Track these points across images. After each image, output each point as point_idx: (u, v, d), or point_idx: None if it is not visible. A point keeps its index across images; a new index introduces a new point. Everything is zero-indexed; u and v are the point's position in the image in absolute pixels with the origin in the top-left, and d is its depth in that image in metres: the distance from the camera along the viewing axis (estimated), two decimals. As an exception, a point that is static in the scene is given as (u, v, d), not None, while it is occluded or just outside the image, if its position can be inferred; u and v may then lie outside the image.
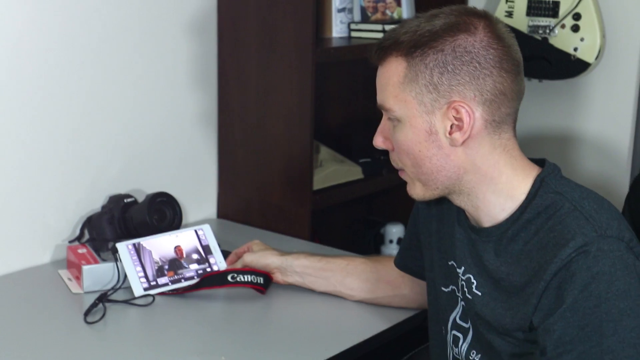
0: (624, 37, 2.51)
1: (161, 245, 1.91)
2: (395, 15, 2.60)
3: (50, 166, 2.02)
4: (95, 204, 2.12)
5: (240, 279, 1.84)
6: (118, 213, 2.03)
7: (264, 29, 2.23)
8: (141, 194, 2.13)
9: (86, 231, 2.07)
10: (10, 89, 1.93)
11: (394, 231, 2.69)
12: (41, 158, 2.00)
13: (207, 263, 1.92)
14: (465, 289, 1.47)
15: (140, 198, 2.09)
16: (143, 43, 2.17)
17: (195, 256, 1.92)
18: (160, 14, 2.19)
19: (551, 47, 2.48)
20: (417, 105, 1.38)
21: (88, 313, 1.73)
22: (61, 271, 1.96)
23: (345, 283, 1.82)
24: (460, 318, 1.51)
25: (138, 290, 1.83)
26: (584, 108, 2.61)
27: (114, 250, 1.87)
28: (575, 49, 2.45)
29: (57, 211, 2.05)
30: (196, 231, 1.96)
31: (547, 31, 2.48)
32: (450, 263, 1.52)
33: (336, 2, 2.41)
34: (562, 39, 2.47)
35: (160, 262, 1.88)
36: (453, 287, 1.52)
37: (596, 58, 2.45)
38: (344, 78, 2.70)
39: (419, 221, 1.64)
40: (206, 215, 2.41)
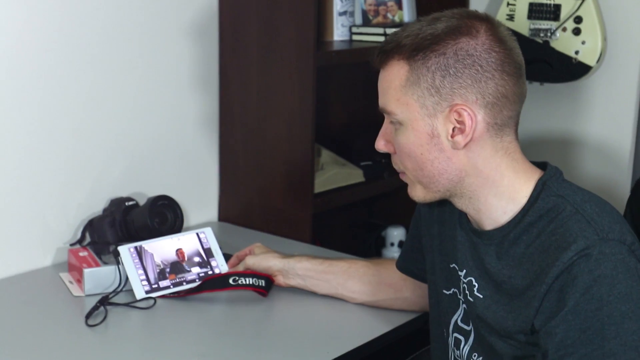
0: (625, 40, 2.51)
1: (163, 248, 1.91)
2: (396, 18, 2.60)
3: (51, 169, 2.02)
4: (96, 207, 2.12)
5: (241, 282, 1.84)
6: (119, 216, 2.03)
7: (265, 32, 2.23)
8: (142, 197, 2.13)
9: (87, 234, 2.06)
10: (11, 92, 1.93)
11: (395, 234, 2.69)
12: (42, 161, 2.01)
13: (209, 266, 1.92)
14: (466, 292, 1.47)
15: (141, 201, 2.09)
16: (144, 46, 2.17)
17: (197, 259, 1.92)
18: (161, 17, 2.19)
19: (552, 51, 2.48)
20: (419, 108, 1.38)
21: (89, 316, 1.73)
22: (62, 274, 1.96)
23: (347, 286, 1.82)
24: (461, 321, 1.51)
25: (140, 293, 1.83)
26: (585, 111, 2.61)
27: (116, 253, 1.87)
28: (576, 52, 2.45)
29: (59, 214, 2.05)
30: (198, 234, 1.96)
31: (549, 34, 2.48)
32: (451, 266, 1.52)
33: (337, 6, 2.41)
34: (564, 42, 2.47)
35: (162, 265, 1.88)
36: (454, 290, 1.52)
37: (597, 61, 2.45)
38: (345, 81, 2.70)
39: (421, 224, 1.64)
40: (207, 218, 2.41)
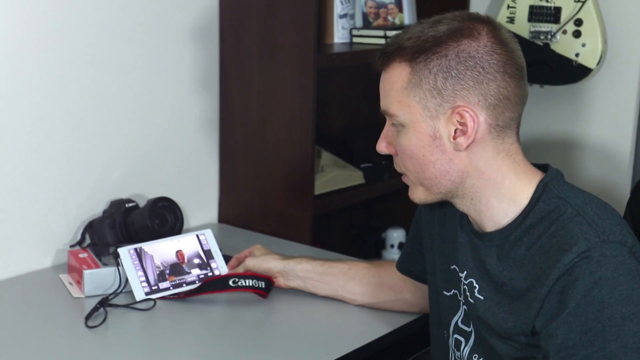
0: (626, 43, 2.51)
1: (163, 250, 1.91)
2: (396, 21, 2.60)
3: (51, 170, 2.02)
4: (96, 209, 2.11)
5: (241, 284, 1.84)
6: (119, 218, 2.03)
7: (266, 35, 2.23)
8: (142, 199, 2.13)
9: (87, 236, 2.06)
10: (11, 93, 1.92)
11: (395, 236, 2.69)
12: (42, 162, 2.00)
13: (209, 268, 1.92)
14: (467, 293, 1.47)
15: (141, 203, 2.09)
16: (145, 48, 2.17)
17: (196, 261, 1.92)
18: (162, 19, 2.19)
19: (553, 53, 2.48)
20: (421, 110, 1.38)
21: (89, 317, 1.73)
22: (62, 275, 1.96)
23: (347, 287, 1.82)
24: (462, 322, 1.51)
25: (139, 294, 1.83)
26: (586, 113, 2.61)
27: (116, 254, 1.87)
28: (576, 55, 2.46)
29: (59, 215, 2.05)
30: (198, 236, 1.96)
31: (549, 37, 2.48)
32: (452, 267, 1.52)
33: (338, 8, 2.41)
34: (564, 45, 2.47)
35: (161, 267, 1.88)
36: (455, 291, 1.52)
37: (598, 63, 2.45)
38: (346, 83, 2.70)
39: (421, 225, 1.64)
40: (207, 220, 2.41)
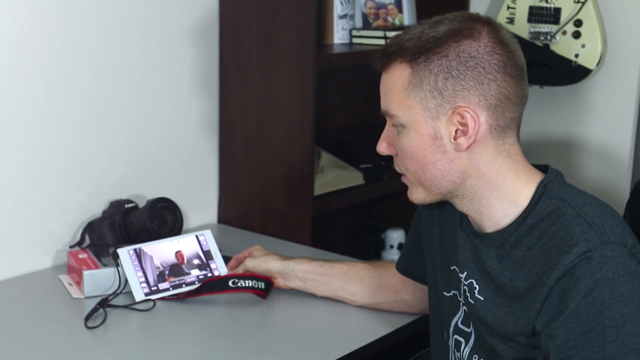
0: (625, 44, 2.51)
1: (162, 250, 1.91)
2: (396, 21, 2.60)
3: (51, 171, 2.02)
4: (96, 209, 2.11)
5: (241, 284, 1.84)
6: (119, 218, 2.03)
7: (266, 35, 2.23)
8: (142, 200, 2.13)
9: (87, 236, 2.06)
10: (11, 94, 1.92)
11: (395, 236, 2.69)
12: (42, 163, 2.00)
13: (208, 268, 1.92)
14: (467, 294, 1.47)
15: (141, 203, 2.09)
16: (145, 49, 2.17)
17: (196, 261, 1.92)
18: (162, 21, 2.19)
19: (552, 54, 2.48)
20: (422, 110, 1.38)
21: (89, 318, 1.73)
22: (62, 276, 1.96)
23: (346, 288, 1.82)
24: (462, 323, 1.51)
25: (139, 295, 1.83)
26: (585, 114, 2.61)
27: (115, 255, 1.86)
28: (576, 56, 2.46)
29: (58, 216, 2.05)
30: (197, 236, 1.96)
31: (549, 38, 2.48)
32: (452, 268, 1.52)
33: (338, 9, 2.41)
34: (563, 46, 2.47)
35: (161, 268, 1.88)
36: (455, 292, 1.52)
37: (597, 64, 2.45)
38: (345, 84, 2.70)
39: (421, 226, 1.64)
40: (207, 220, 2.41)
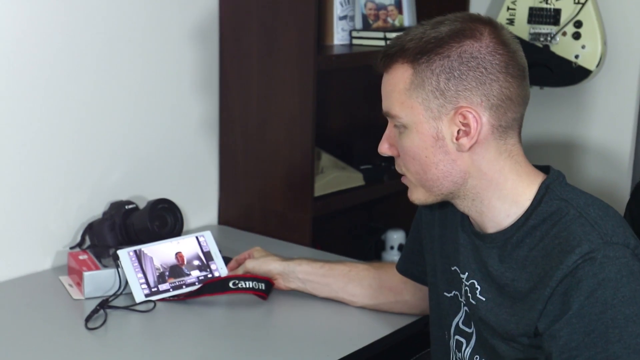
0: (625, 45, 2.51)
1: (162, 251, 1.90)
2: (396, 22, 2.60)
3: (51, 172, 2.02)
4: (96, 210, 2.11)
5: (241, 285, 1.83)
6: (119, 219, 2.03)
7: (266, 36, 2.23)
8: (142, 201, 2.13)
9: (87, 237, 2.06)
10: (12, 94, 1.92)
11: (395, 237, 2.69)
12: (43, 164, 2.00)
13: (209, 269, 1.92)
14: (469, 295, 1.47)
15: (141, 204, 2.09)
16: (145, 50, 2.17)
17: (196, 262, 1.92)
18: (162, 21, 2.19)
19: (552, 55, 2.48)
20: (424, 111, 1.38)
21: (89, 319, 1.73)
22: (62, 277, 1.96)
23: (347, 289, 1.82)
24: (463, 323, 1.51)
25: (139, 296, 1.82)
26: (585, 115, 2.61)
27: (115, 256, 1.86)
28: (576, 57, 2.46)
29: (58, 217, 2.05)
30: (197, 238, 1.96)
31: (549, 39, 2.48)
32: (453, 268, 1.52)
33: (337, 10, 2.41)
34: (564, 47, 2.47)
35: (161, 269, 1.88)
36: (456, 293, 1.52)
37: (597, 65, 2.45)
38: (345, 85, 2.70)
39: (422, 226, 1.64)
40: (207, 221, 2.41)
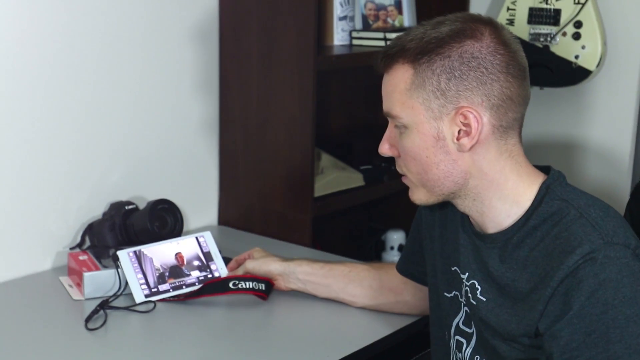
0: (625, 45, 2.51)
1: (162, 252, 1.90)
2: (396, 23, 2.60)
3: (51, 172, 2.02)
4: (96, 211, 2.11)
5: (241, 286, 1.83)
6: (119, 220, 2.03)
7: (266, 37, 2.23)
8: (142, 201, 2.13)
9: (87, 238, 2.06)
10: (12, 94, 1.92)
11: (395, 238, 2.69)
12: (43, 164, 2.00)
13: (209, 270, 1.92)
14: (469, 295, 1.47)
15: (141, 205, 2.09)
16: (145, 51, 2.17)
17: (196, 263, 1.92)
18: (162, 22, 2.19)
19: (552, 55, 2.48)
20: (425, 111, 1.38)
21: (89, 320, 1.73)
22: (62, 278, 1.96)
23: (347, 290, 1.82)
24: (463, 323, 1.51)
25: (139, 296, 1.82)
26: (585, 115, 2.61)
27: (115, 257, 1.86)
28: (576, 57, 2.46)
29: (58, 218, 2.05)
30: (197, 238, 1.96)
31: (549, 39, 2.48)
32: (453, 269, 1.52)
33: (337, 10, 2.41)
34: (563, 47, 2.47)
35: (161, 269, 1.88)
36: (456, 293, 1.52)
37: (597, 66, 2.45)
38: (345, 85, 2.70)
39: (422, 226, 1.64)
40: (207, 222, 2.41)
